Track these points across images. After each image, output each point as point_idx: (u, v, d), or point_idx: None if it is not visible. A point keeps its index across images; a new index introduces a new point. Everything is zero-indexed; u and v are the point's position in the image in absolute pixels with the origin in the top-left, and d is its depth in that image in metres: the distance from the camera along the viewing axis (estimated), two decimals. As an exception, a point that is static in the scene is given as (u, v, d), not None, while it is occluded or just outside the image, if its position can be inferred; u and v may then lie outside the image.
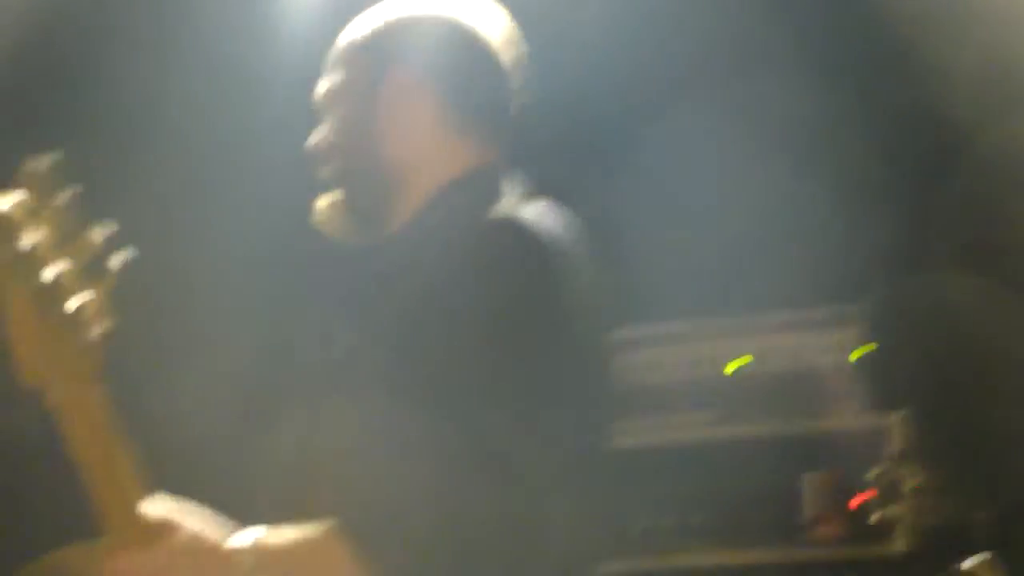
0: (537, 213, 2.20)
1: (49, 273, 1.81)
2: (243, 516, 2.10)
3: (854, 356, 3.67)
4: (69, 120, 4.25)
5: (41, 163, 1.81)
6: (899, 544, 3.52)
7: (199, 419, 4.11)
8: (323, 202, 2.36)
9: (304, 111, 2.44)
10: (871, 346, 3.69)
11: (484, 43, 2.35)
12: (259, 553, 1.97)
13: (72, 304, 1.83)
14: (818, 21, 3.89)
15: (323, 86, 2.37)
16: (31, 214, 1.80)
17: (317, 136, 2.36)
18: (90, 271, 1.87)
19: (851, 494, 3.62)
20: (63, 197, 1.83)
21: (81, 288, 1.86)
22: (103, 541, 1.97)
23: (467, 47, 2.35)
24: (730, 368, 3.57)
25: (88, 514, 2.02)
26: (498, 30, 2.38)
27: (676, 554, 3.51)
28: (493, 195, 2.27)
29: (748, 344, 3.59)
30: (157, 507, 1.98)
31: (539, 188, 2.33)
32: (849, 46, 3.82)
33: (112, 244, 1.89)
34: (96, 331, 1.88)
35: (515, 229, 2.16)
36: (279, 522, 2.03)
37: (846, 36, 3.85)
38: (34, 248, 1.79)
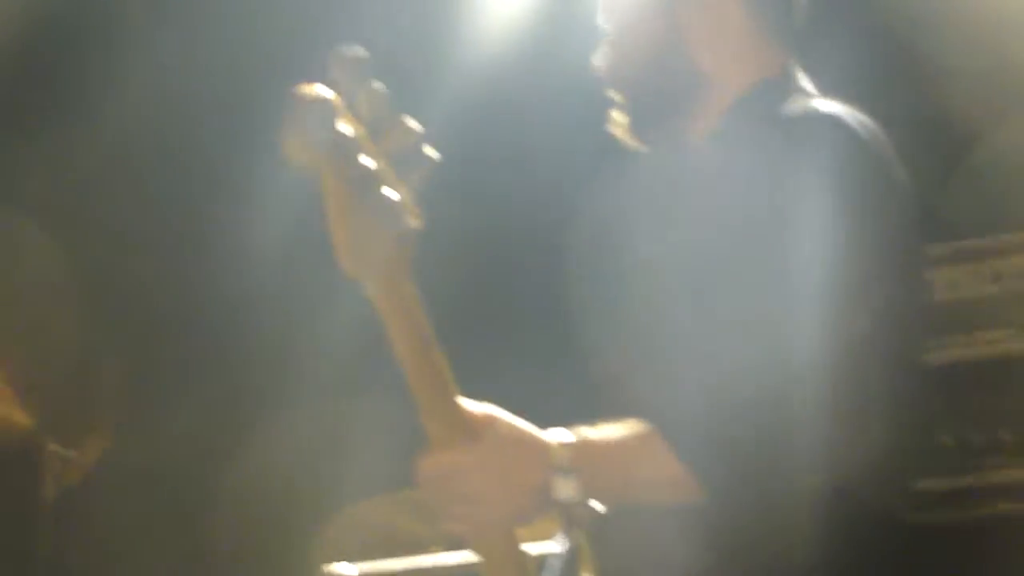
0: (844, 110, 2.16)
1: (366, 160, 1.84)
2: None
3: None
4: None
5: (355, 52, 1.84)
6: None
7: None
8: (619, 118, 2.35)
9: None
10: None
11: None
12: (577, 447, 1.99)
13: (387, 193, 1.87)
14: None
15: (604, 3, 2.36)
16: (346, 102, 1.84)
17: (604, 54, 2.35)
18: (403, 164, 1.91)
19: None
20: (377, 88, 1.86)
21: (394, 179, 1.90)
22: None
23: None
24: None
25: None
26: None
27: (986, 471, 3.43)
28: (795, 97, 2.25)
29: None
30: (473, 404, 2.02)
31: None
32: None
33: (423, 139, 1.92)
34: (409, 224, 1.92)
35: (832, 120, 2.12)
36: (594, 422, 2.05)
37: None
38: (350, 134, 1.83)
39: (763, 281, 2.00)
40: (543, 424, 2.05)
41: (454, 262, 4.10)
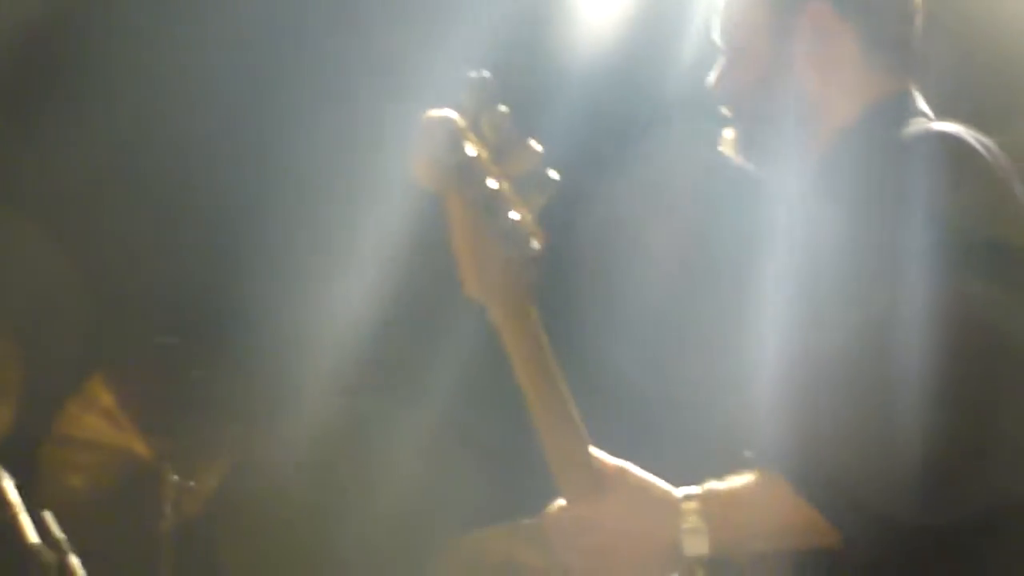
0: (962, 130, 2.13)
1: (491, 183, 1.85)
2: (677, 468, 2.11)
3: None
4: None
5: (480, 75, 1.84)
6: None
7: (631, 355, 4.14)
8: (729, 135, 2.34)
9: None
10: None
11: None
12: (704, 499, 1.97)
13: (511, 215, 1.87)
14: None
15: (720, 23, 2.36)
16: (471, 125, 1.84)
17: (717, 73, 2.34)
18: (526, 186, 1.90)
19: None
20: (501, 110, 1.86)
21: (517, 202, 1.89)
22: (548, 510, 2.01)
23: None
24: None
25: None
26: None
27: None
28: (910, 119, 2.22)
29: None
30: (602, 455, 2.01)
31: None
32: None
33: (544, 162, 1.92)
34: (533, 247, 1.92)
35: (950, 139, 2.08)
36: (716, 470, 2.04)
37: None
38: (476, 157, 1.83)
39: (873, 311, 1.96)
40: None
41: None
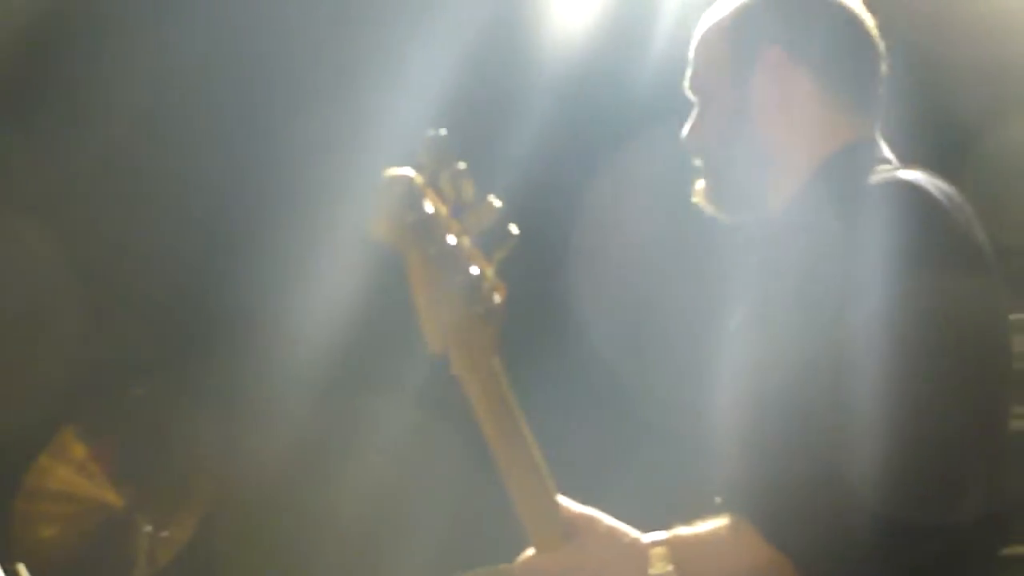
0: (922, 178, 2.15)
1: (450, 239, 1.86)
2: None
3: None
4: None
5: (439, 133, 1.87)
6: None
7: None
8: (700, 186, 2.37)
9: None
10: None
11: (850, 15, 2.33)
12: (672, 544, 1.99)
13: (471, 271, 1.89)
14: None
15: (689, 74, 2.39)
16: (430, 182, 1.86)
17: (689, 125, 2.37)
18: (485, 241, 1.93)
19: None
20: (459, 167, 1.89)
21: (478, 256, 1.92)
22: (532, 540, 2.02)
23: (834, 20, 2.33)
24: None
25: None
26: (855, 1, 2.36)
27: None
28: (872, 167, 2.24)
29: None
30: (569, 503, 2.03)
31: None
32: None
33: (504, 216, 1.94)
34: (493, 300, 1.94)
35: (910, 188, 2.10)
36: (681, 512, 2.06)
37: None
38: (435, 214, 1.85)
39: (831, 357, 1.99)
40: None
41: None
